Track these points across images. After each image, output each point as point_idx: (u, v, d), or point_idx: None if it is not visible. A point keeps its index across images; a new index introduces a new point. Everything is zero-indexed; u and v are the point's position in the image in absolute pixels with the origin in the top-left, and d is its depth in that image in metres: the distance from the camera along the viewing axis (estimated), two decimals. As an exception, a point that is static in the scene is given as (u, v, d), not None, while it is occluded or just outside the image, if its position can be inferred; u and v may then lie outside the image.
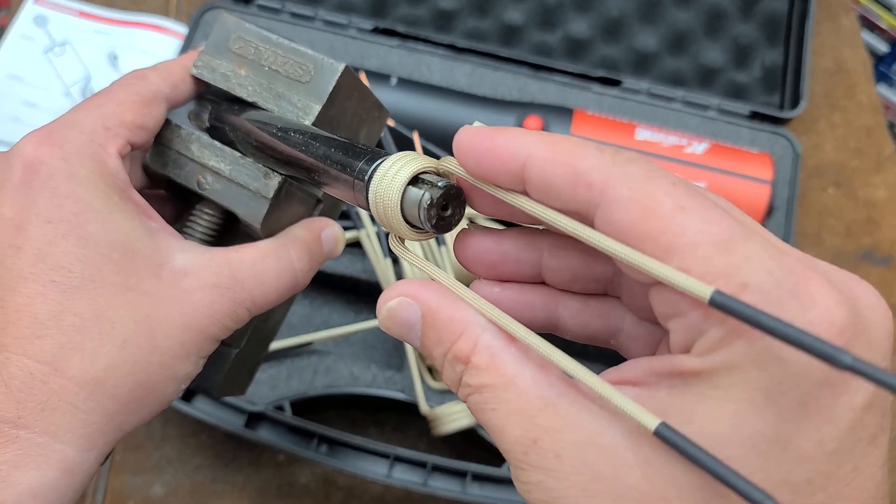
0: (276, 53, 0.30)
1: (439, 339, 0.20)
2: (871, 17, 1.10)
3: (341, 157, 0.24)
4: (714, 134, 0.57)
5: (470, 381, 0.19)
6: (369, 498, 0.51)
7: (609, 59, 0.62)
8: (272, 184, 0.29)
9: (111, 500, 0.51)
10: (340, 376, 0.48)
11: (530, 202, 0.20)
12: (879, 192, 0.61)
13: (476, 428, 0.46)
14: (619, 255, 0.17)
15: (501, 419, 0.19)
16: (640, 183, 0.18)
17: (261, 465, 0.52)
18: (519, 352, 0.19)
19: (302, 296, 0.55)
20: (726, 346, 0.16)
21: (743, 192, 0.51)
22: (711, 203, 0.17)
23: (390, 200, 0.21)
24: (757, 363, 0.16)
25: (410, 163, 0.21)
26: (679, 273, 0.16)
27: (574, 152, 0.18)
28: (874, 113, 0.65)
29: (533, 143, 0.19)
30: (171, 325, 0.26)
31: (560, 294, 0.23)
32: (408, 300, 0.21)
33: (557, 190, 0.19)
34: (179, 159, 0.30)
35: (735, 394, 0.16)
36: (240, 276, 0.28)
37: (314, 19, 0.59)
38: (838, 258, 0.59)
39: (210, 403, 0.47)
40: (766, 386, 0.16)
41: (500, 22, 0.63)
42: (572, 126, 0.52)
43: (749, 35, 0.62)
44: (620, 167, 0.18)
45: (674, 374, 0.18)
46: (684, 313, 0.17)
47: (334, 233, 0.32)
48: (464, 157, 0.20)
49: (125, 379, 0.25)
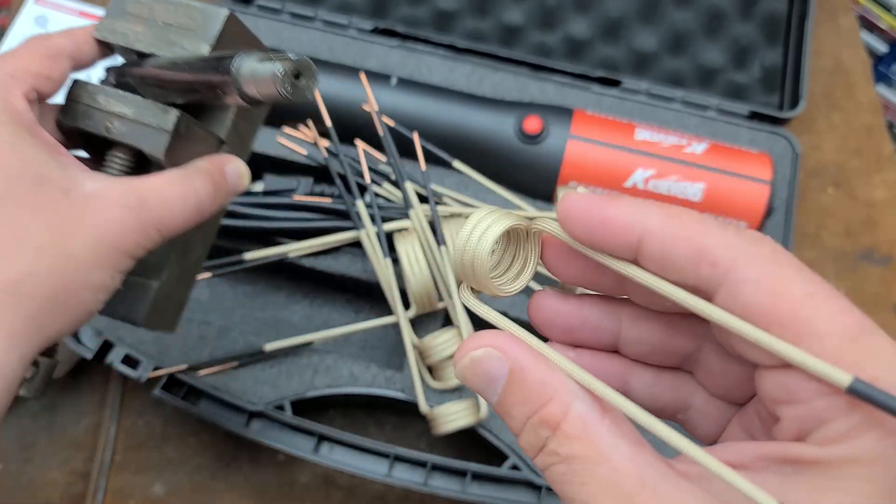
0: (168, 9, 0.33)
1: (525, 399, 0.19)
2: (870, 17, 1.10)
3: (214, 62, 0.28)
4: (713, 134, 0.57)
5: (558, 450, 0.18)
6: (369, 497, 0.51)
7: (609, 60, 0.62)
8: (171, 117, 0.32)
9: (112, 499, 0.51)
10: (340, 376, 0.48)
11: (644, 273, 0.19)
12: (879, 192, 0.62)
13: (476, 427, 0.46)
14: (748, 335, 0.17)
15: (591, 495, 0.18)
16: (768, 265, 0.18)
17: (261, 464, 0.52)
18: (614, 425, 0.18)
19: (302, 295, 0.55)
20: (853, 439, 0.16)
21: (742, 192, 0.51)
22: (838, 293, 0.17)
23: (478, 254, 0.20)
24: (884, 460, 0.16)
25: (501, 220, 0.20)
26: (815, 358, 0.16)
27: (697, 229, 0.18)
28: (873, 113, 0.65)
29: (651, 214, 0.19)
30: (83, 237, 0.28)
31: (633, 364, 0.23)
32: (497, 353, 0.20)
33: (677, 265, 0.18)
34: (88, 111, 0.33)
35: (858, 488, 0.16)
36: (147, 199, 0.30)
37: (314, 19, 0.59)
38: (838, 258, 0.59)
39: (211, 403, 0.47)
40: (890, 485, 0.16)
41: (499, 22, 0.63)
42: (572, 126, 0.52)
43: (748, 35, 0.62)
44: (747, 247, 0.18)
45: (787, 461, 0.17)
46: (805, 401, 0.17)
47: (237, 167, 0.34)
48: (572, 225, 0.20)
49: (42, 283, 0.27)
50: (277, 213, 0.51)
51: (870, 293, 0.58)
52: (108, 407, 0.53)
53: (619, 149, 0.52)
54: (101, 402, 0.53)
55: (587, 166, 0.51)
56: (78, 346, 0.48)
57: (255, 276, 0.56)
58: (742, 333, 0.17)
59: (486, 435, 0.47)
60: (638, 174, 0.51)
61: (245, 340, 0.49)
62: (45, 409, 0.53)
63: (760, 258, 0.18)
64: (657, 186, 0.51)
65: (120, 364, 0.48)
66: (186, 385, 0.48)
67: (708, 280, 0.18)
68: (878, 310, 0.57)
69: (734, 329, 0.18)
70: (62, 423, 0.53)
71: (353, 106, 0.53)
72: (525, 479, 0.45)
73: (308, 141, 0.53)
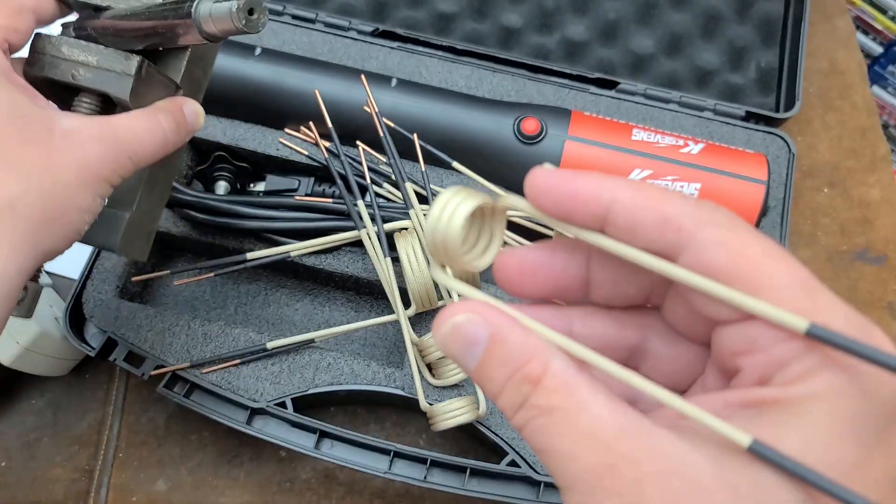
0: None
1: (506, 360, 0.20)
2: (865, 18, 1.11)
3: (174, 6, 0.32)
4: (710, 135, 0.57)
5: (539, 403, 0.19)
6: (369, 493, 0.51)
7: (606, 62, 0.63)
8: (133, 63, 0.35)
9: (115, 495, 0.51)
10: (341, 373, 0.49)
11: (610, 241, 0.21)
12: (873, 192, 0.62)
13: (475, 423, 0.47)
14: (712, 290, 0.19)
15: (572, 443, 0.19)
16: (727, 229, 0.19)
17: (262, 460, 0.52)
18: (591, 378, 0.20)
19: (304, 294, 0.56)
20: (811, 378, 0.18)
21: (738, 192, 0.52)
22: (788, 253, 0.19)
23: (449, 232, 0.21)
24: (841, 394, 0.17)
25: (468, 199, 0.21)
26: (776, 308, 0.18)
27: (663, 198, 0.20)
28: (868, 114, 0.65)
29: (619, 186, 0.20)
30: (67, 164, 0.32)
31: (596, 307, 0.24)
32: (478, 318, 0.21)
33: (644, 232, 0.20)
34: (53, 61, 0.36)
35: (818, 422, 0.17)
36: (119, 133, 0.34)
37: (315, 21, 0.60)
38: (833, 257, 0.60)
39: (214, 400, 0.48)
40: (848, 416, 0.17)
41: (498, 25, 0.64)
42: (570, 127, 0.53)
43: (744, 37, 0.63)
44: (708, 214, 0.20)
45: (750, 404, 0.18)
46: (765, 348, 0.18)
47: (194, 108, 0.39)
48: (541, 198, 0.21)
49: (35, 203, 0.31)
50: (279, 213, 0.52)
51: (864, 292, 0.59)
52: (112, 404, 0.54)
53: (616, 149, 0.52)
54: (104, 400, 0.54)
55: (585, 167, 0.52)
56: (82, 344, 0.49)
57: (257, 275, 0.56)
58: (707, 290, 0.19)
59: (485, 431, 0.47)
60: (635, 174, 0.52)
61: (247, 338, 0.49)
62: (48, 406, 0.54)
63: (720, 223, 0.19)
64: (654, 186, 0.52)
65: (123, 361, 0.49)
66: (189, 382, 0.48)
67: (673, 244, 0.19)
68: (873, 308, 0.58)
69: (700, 287, 0.19)
70: (66, 420, 0.53)
71: (353, 107, 0.53)
72: (524, 476, 0.46)
73: (309, 142, 0.54)
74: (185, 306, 0.55)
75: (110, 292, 0.51)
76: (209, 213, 0.51)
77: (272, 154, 0.54)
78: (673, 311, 0.23)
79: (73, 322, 0.50)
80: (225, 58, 0.54)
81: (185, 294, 0.56)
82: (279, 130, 0.54)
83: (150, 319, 0.50)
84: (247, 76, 0.54)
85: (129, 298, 0.52)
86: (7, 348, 0.47)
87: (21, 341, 0.47)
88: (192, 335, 0.50)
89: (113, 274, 0.51)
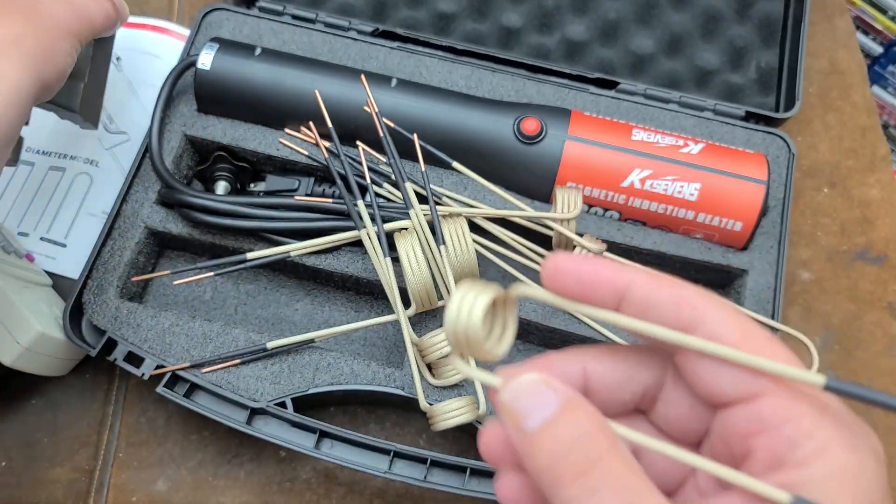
0: None
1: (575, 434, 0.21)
2: (866, 18, 1.11)
3: None
4: (710, 135, 0.57)
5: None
6: (370, 493, 0.51)
7: (606, 62, 0.63)
8: None
9: (115, 495, 0.51)
10: (341, 373, 0.49)
11: (628, 318, 0.22)
12: (873, 192, 0.62)
13: (475, 423, 0.47)
14: (733, 357, 0.21)
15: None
16: (732, 310, 0.22)
17: (262, 460, 0.52)
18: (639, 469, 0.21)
19: (304, 294, 0.56)
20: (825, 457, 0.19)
21: (738, 192, 0.52)
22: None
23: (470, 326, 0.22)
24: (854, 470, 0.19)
25: (483, 292, 0.23)
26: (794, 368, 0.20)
27: (674, 281, 0.23)
28: (868, 114, 0.65)
29: (635, 270, 0.23)
30: (50, 20, 0.41)
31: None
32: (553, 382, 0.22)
33: (660, 309, 0.22)
34: None
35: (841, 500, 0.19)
36: (78, 7, 0.43)
37: (315, 21, 0.60)
38: (833, 257, 0.60)
39: (214, 400, 0.48)
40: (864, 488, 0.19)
41: (498, 25, 0.64)
42: (570, 127, 0.53)
43: (744, 37, 0.63)
44: (714, 296, 0.22)
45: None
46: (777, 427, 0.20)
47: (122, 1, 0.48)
48: (563, 278, 0.23)
49: (33, 42, 0.39)
50: (279, 213, 0.52)
51: (864, 292, 0.59)
52: (111, 404, 0.54)
53: (616, 149, 0.52)
54: (104, 400, 0.54)
55: (585, 167, 0.52)
56: (81, 343, 0.49)
57: (257, 275, 0.56)
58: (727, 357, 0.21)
59: (484, 431, 0.47)
60: (635, 174, 0.52)
61: (247, 338, 0.50)
62: (48, 406, 0.54)
63: (726, 305, 0.22)
64: (654, 186, 0.52)
65: (123, 361, 0.49)
66: (189, 382, 0.48)
67: (688, 321, 0.22)
68: (873, 308, 0.58)
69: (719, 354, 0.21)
70: (65, 420, 0.53)
71: (353, 107, 0.53)
72: (523, 475, 0.46)
73: (309, 142, 0.54)
74: (185, 306, 0.55)
75: (110, 292, 0.51)
76: (209, 213, 0.51)
77: (272, 154, 0.54)
78: (664, 411, 0.24)
79: (73, 322, 0.50)
80: (225, 58, 0.54)
81: (185, 294, 0.56)
82: (279, 130, 0.54)
83: (150, 319, 0.50)
84: (247, 76, 0.54)
85: (129, 298, 0.52)
86: (7, 348, 0.47)
87: (21, 341, 0.47)
88: (192, 335, 0.50)
89: (113, 274, 0.51)
